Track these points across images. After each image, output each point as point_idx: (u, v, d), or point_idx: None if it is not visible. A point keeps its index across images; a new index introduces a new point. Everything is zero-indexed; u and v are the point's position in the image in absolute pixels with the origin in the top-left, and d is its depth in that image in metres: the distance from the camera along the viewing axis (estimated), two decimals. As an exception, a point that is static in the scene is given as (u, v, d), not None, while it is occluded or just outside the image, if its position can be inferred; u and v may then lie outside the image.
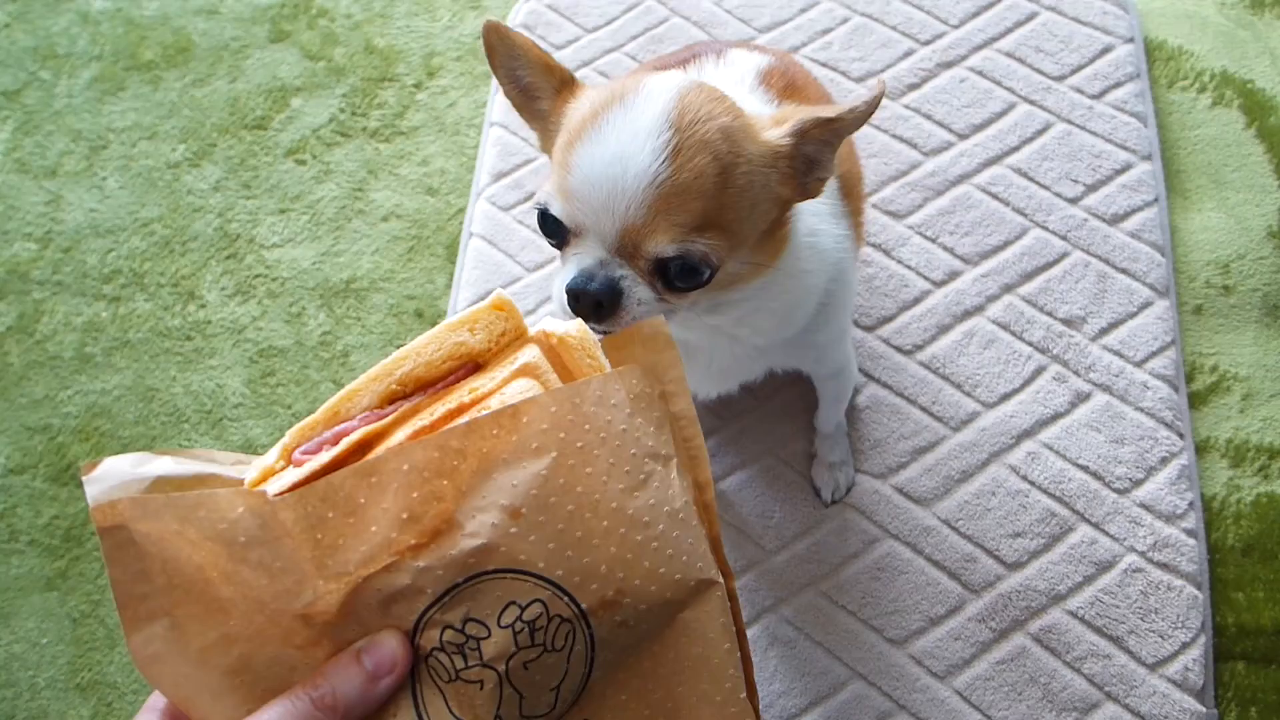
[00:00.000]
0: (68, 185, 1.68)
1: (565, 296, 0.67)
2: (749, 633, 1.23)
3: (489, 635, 0.54)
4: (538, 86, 0.78)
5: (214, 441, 1.44)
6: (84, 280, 1.59)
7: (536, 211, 0.73)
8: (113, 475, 0.55)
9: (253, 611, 0.54)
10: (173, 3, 1.84)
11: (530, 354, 0.61)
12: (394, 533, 0.53)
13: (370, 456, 0.55)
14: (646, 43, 1.65)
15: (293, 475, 0.56)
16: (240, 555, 0.53)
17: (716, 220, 0.69)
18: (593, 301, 0.66)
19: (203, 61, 1.77)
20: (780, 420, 1.36)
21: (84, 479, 0.55)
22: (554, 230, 0.72)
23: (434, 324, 1.49)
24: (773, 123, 0.75)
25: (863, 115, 0.73)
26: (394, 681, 0.54)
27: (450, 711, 0.54)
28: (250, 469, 0.59)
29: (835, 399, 1.25)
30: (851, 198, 1.08)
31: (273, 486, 0.57)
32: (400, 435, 0.57)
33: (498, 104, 1.63)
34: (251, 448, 1.43)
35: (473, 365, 0.61)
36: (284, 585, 0.53)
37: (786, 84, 1.02)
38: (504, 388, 0.59)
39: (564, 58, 1.65)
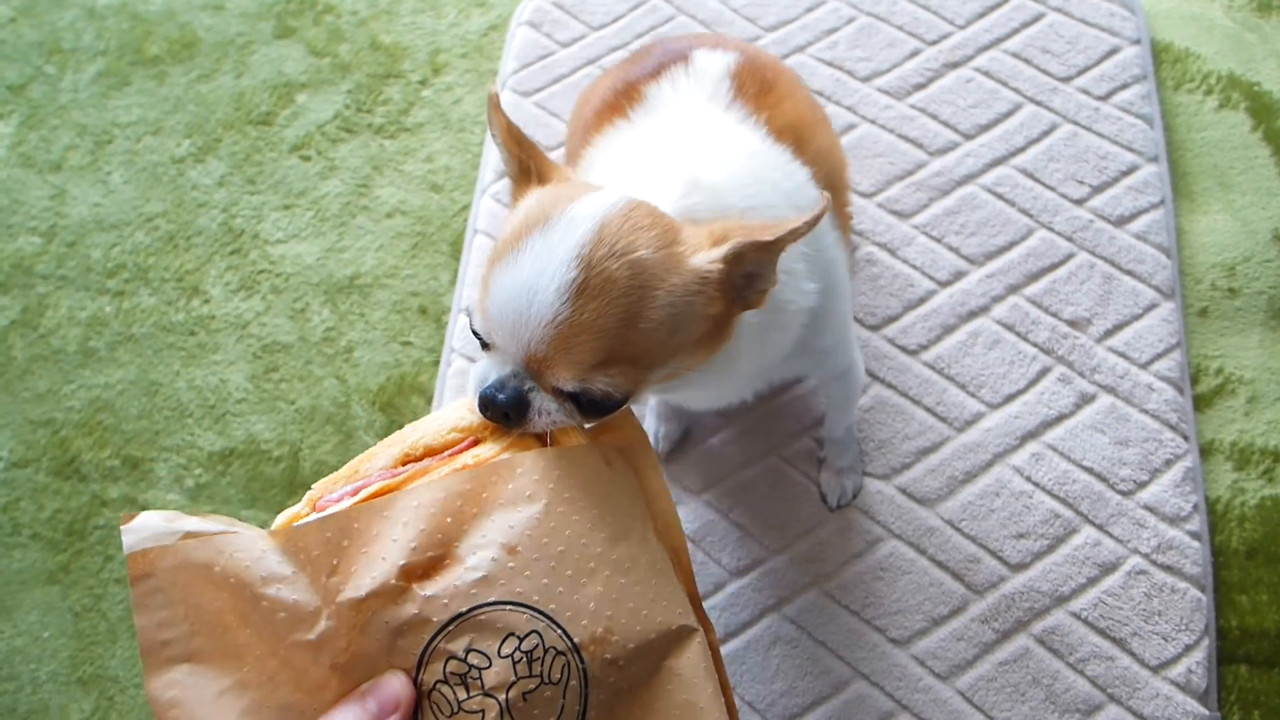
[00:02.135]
0: (72, 180, 1.68)
1: (477, 401, 0.69)
2: (751, 632, 1.23)
3: (490, 665, 0.57)
4: (508, 168, 0.79)
5: (217, 436, 1.44)
6: (88, 275, 1.59)
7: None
8: (147, 528, 0.60)
9: (267, 655, 0.58)
10: (179, -2, 1.84)
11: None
12: (403, 560, 0.58)
13: (384, 498, 0.61)
14: (652, 41, 1.64)
15: (315, 518, 0.62)
16: (260, 591, 0.58)
17: (622, 355, 0.69)
18: (500, 412, 0.68)
19: (208, 57, 1.77)
20: (783, 419, 1.36)
21: (122, 529, 0.59)
22: (477, 335, 0.74)
23: (438, 321, 1.49)
24: (709, 239, 0.72)
25: (802, 233, 0.71)
26: None
27: None
28: (277, 520, 0.65)
29: (842, 403, 1.24)
30: (835, 192, 1.05)
31: None
32: None
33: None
34: (254, 443, 1.43)
35: (473, 440, 0.68)
36: (300, 615, 0.58)
37: (759, 86, 0.99)
38: (502, 454, 0.66)
39: (569, 56, 1.65)
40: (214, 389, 1.48)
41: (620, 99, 1.02)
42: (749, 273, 0.73)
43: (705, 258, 0.71)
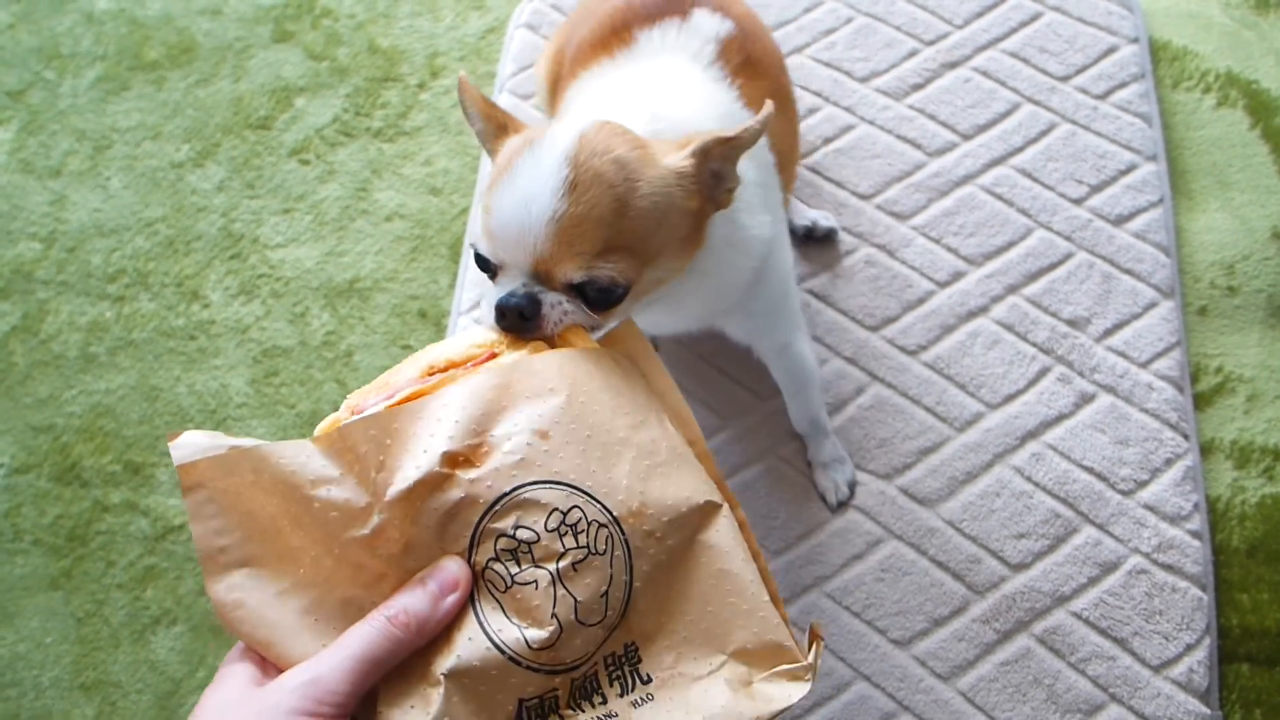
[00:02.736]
0: (72, 185, 1.68)
1: (494, 314, 0.76)
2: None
3: (538, 539, 0.61)
4: (485, 133, 0.87)
5: (218, 441, 1.44)
6: (88, 280, 1.59)
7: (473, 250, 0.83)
8: (193, 443, 0.62)
9: (322, 555, 0.61)
10: (176, 3, 1.84)
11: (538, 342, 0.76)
12: (444, 449, 0.61)
13: (417, 401, 0.65)
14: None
15: (358, 418, 0.65)
16: (310, 494, 0.61)
17: (619, 244, 0.77)
18: (516, 313, 0.74)
19: (206, 61, 1.77)
20: (781, 420, 1.36)
21: (170, 445, 0.62)
22: (485, 265, 0.81)
23: (437, 324, 1.49)
24: (677, 148, 0.81)
25: (757, 134, 0.80)
26: (458, 599, 0.60)
27: (509, 619, 0.61)
28: (318, 427, 0.68)
29: (794, 390, 1.27)
30: (786, 165, 1.14)
31: None
32: None
33: (499, 105, 1.63)
34: (255, 448, 1.43)
35: (491, 354, 0.72)
36: (352, 513, 0.60)
37: (743, 59, 1.07)
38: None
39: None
40: (214, 394, 1.48)
41: (612, 38, 1.10)
42: (716, 170, 0.82)
43: (678, 156, 0.80)
